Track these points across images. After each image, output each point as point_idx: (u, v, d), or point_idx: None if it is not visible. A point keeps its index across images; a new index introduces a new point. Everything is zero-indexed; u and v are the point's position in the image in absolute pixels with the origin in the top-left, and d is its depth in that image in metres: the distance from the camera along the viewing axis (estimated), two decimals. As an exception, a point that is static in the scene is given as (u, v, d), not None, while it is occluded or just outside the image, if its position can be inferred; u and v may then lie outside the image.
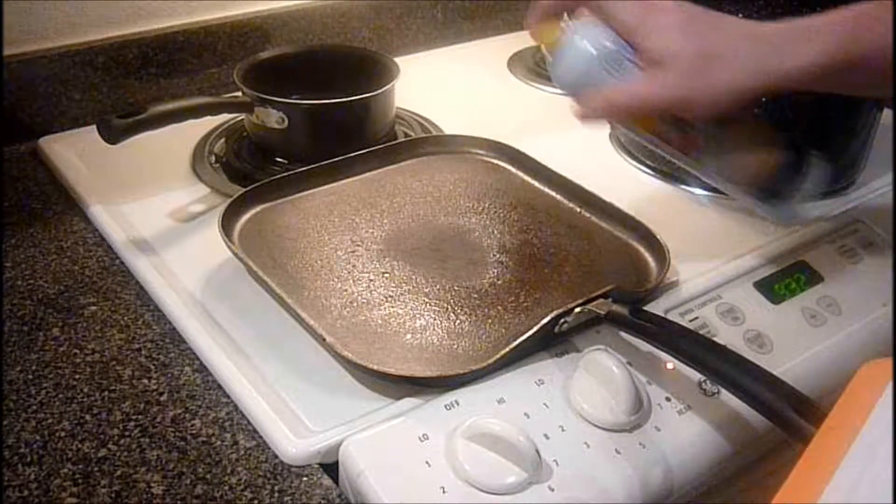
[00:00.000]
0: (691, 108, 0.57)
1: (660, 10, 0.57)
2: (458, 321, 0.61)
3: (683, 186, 0.82)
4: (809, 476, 0.36)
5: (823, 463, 0.36)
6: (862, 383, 0.41)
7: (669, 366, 0.59)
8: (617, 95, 0.58)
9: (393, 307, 0.62)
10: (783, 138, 0.62)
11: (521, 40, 1.18)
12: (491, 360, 0.56)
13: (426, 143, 0.83)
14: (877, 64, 0.54)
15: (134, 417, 0.56)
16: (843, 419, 0.39)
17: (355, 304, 0.62)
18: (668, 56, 0.55)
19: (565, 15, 0.60)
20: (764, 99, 0.66)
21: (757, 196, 0.62)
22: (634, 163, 0.86)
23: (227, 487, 0.51)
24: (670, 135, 0.61)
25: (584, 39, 0.58)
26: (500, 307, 0.63)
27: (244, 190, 0.72)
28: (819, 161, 0.61)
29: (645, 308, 0.61)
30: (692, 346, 0.55)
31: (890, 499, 0.34)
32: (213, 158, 0.84)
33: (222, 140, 0.87)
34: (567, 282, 0.66)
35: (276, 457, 0.53)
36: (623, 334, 0.60)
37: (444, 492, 0.49)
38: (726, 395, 0.57)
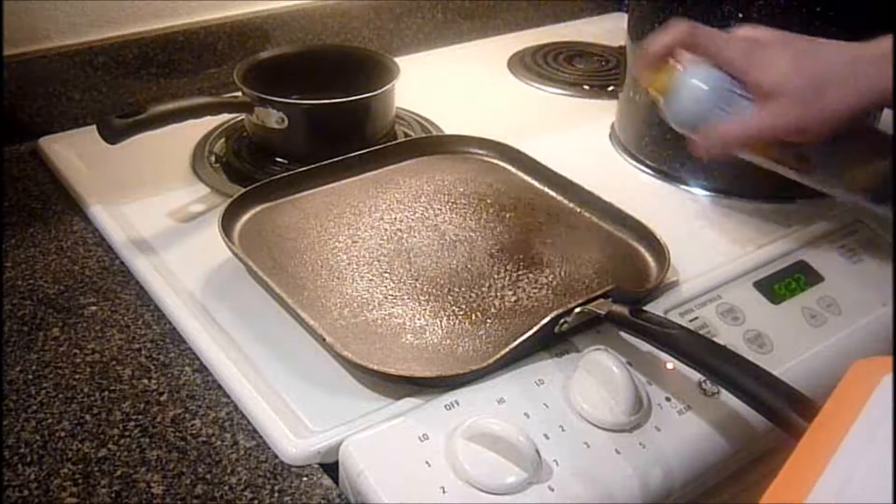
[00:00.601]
0: (806, 133, 0.59)
1: (765, 45, 0.60)
2: (458, 321, 0.61)
3: (683, 186, 0.82)
4: (800, 473, 0.36)
5: (814, 460, 0.37)
6: (852, 381, 0.41)
7: (669, 366, 0.59)
8: (735, 129, 0.60)
9: (393, 307, 0.62)
10: (892, 142, 0.63)
11: (521, 40, 1.18)
12: (491, 360, 0.56)
13: (426, 143, 0.83)
14: None
15: (134, 417, 0.56)
16: (834, 416, 0.39)
17: (355, 304, 0.62)
18: (780, 87, 0.57)
19: (671, 60, 0.62)
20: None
21: (874, 200, 0.63)
22: (634, 163, 0.86)
23: (227, 487, 0.51)
24: (788, 158, 0.63)
25: (695, 79, 0.61)
26: (500, 307, 0.63)
27: (244, 190, 0.72)
28: None
29: (645, 308, 0.61)
30: (692, 346, 0.55)
31: (882, 495, 0.34)
32: (213, 158, 0.84)
33: (222, 140, 0.87)
34: (567, 282, 0.66)
35: (276, 457, 0.53)
36: (623, 334, 0.60)
37: (444, 492, 0.49)
38: (726, 395, 0.57)
